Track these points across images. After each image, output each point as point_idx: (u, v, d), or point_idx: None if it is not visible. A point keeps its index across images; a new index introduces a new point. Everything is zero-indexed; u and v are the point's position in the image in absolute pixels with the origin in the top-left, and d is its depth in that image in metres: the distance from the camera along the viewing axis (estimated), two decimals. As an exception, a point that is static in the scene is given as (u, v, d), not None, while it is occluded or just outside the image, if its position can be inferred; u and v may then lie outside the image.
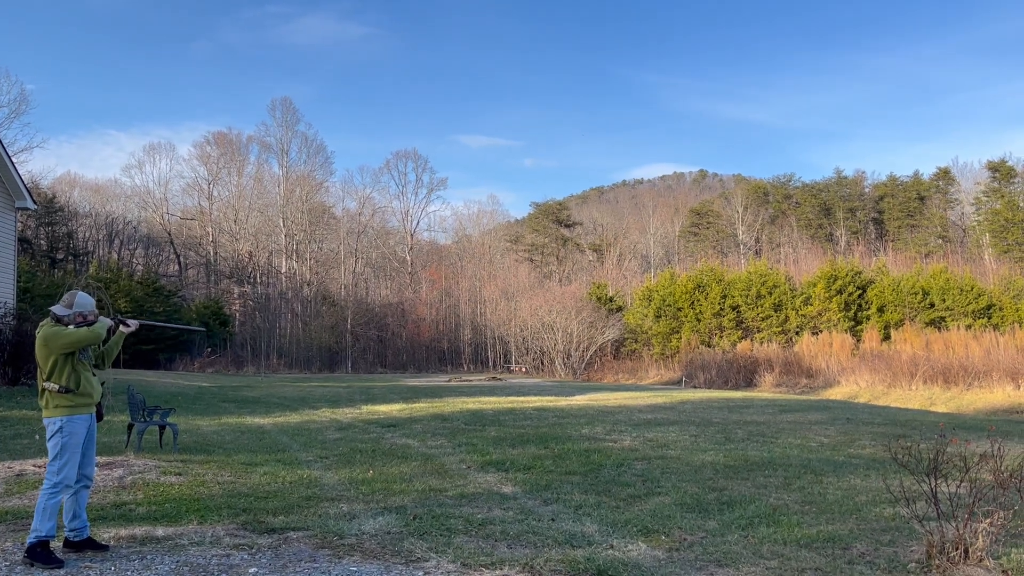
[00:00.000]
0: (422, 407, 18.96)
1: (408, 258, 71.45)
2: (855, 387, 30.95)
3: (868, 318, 43.43)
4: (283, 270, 65.43)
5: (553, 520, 6.72)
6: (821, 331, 42.50)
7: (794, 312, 45.35)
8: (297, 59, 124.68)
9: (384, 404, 20.06)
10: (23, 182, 22.10)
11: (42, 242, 58.25)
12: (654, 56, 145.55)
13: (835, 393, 30.40)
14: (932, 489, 5.58)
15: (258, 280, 65.49)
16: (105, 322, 5.80)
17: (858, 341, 40.24)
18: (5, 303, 20.11)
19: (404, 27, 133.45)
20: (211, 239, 66.07)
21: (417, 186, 73.30)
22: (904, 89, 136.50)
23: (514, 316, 55.37)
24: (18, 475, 8.21)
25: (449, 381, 37.67)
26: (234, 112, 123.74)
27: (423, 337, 60.87)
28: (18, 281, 22.80)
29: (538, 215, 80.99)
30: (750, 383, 36.74)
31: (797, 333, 44.18)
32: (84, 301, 5.74)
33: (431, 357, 60.00)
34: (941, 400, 26.44)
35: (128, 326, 6.10)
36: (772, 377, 35.97)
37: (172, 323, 7.32)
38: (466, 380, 38.97)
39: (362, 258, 69.08)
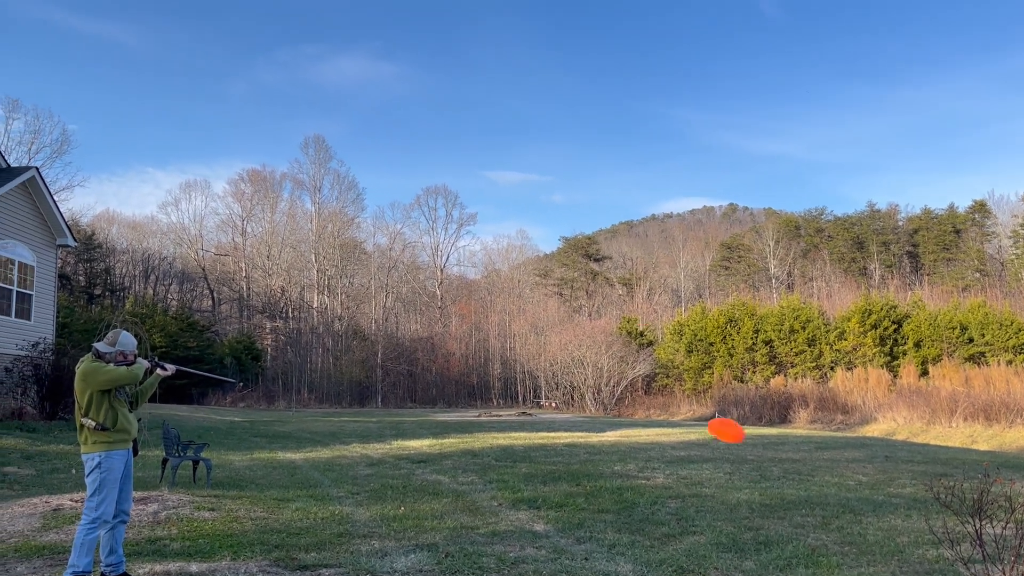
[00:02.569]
0: (452, 442, 18.90)
1: (438, 293, 71.75)
2: (893, 424, 30.31)
3: (904, 353, 42.65)
4: (315, 305, 66.01)
5: (587, 559, 6.63)
6: (856, 366, 41.79)
7: (828, 347, 44.69)
8: (330, 98, 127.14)
9: (414, 439, 20.02)
10: (64, 220, 22.64)
11: (80, 278, 59.43)
12: (683, 90, 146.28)
13: (872, 430, 29.79)
14: (977, 530, 5.43)
15: (290, 315, 66.12)
16: (143, 364, 5.89)
17: (895, 377, 39.49)
18: (44, 338, 20.50)
19: (435, 65, 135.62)
20: (244, 274, 66.96)
21: (447, 221, 73.93)
22: (937, 120, 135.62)
23: (543, 351, 55.22)
24: (55, 509, 8.30)
25: (479, 416, 37.55)
26: (268, 150, 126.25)
27: (453, 372, 60.87)
28: (57, 316, 23.26)
29: (567, 249, 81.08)
30: (784, 419, 36.15)
31: (831, 368, 43.50)
32: (127, 340, 5.83)
33: (461, 392, 59.92)
34: (983, 438, 25.77)
35: (165, 370, 6.18)
36: (807, 413, 35.37)
37: (206, 372, 7.44)
38: (496, 415, 38.83)
39: (392, 293, 69.52)
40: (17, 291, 20.51)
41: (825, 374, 43.34)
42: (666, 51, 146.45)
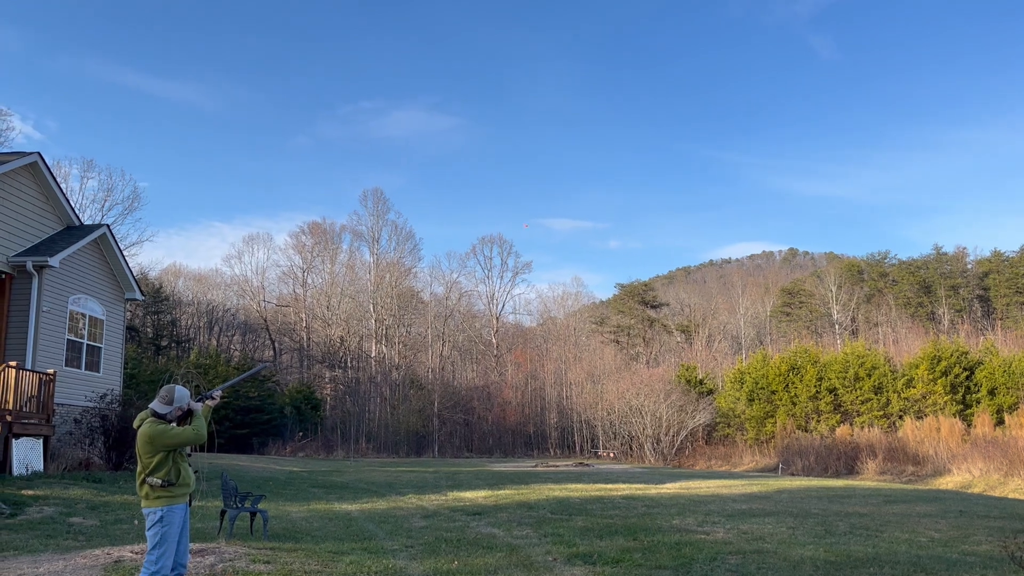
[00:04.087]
0: (508, 494, 18.73)
1: (494, 341, 71.90)
2: (968, 476, 28.99)
3: (978, 401, 40.96)
4: (373, 354, 66.74)
5: (642, 619, 6.45)
6: (926, 415, 40.25)
7: (896, 395, 43.21)
8: (388, 151, 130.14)
9: (470, 490, 19.90)
10: (132, 275, 23.48)
11: (148, 330, 61.29)
12: (736, 133, 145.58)
13: (945, 482, 28.54)
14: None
15: (349, 364, 66.91)
16: (200, 416, 6.00)
17: (968, 426, 37.89)
18: (112, 390, 21.12)
19: (488, 117, 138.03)
20: (305, 325, 68.21)
21: (502, 270, 74.40)
22: (1004, 160, 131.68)
23: (600, 399, 54.62)
24: (116, 561, 8.45)
25: (535, 466, 37.19)
26: (328, 202, 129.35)
27: (509, 421, 60.58)
28: (124, 368, 23.97)
29: (623, 296, 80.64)
30: (851, 470, 34.90)
31: (900, 417, 41.98)
32: (182, 395, 5.97)
33: (517, 441, 59.53)
34: (1066, 491, 24.42)
35: (214, 399, 6.30)
36: (875, 464, 34.09)
37: (248, 374, 7.64)
38: (552, 466, 38.39)
39: (449, 341, 69.90)
40: (87, 344, 21.24)
41: (893, 423, 41.85)
42: (719, 95, 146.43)
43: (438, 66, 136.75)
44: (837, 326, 75.53)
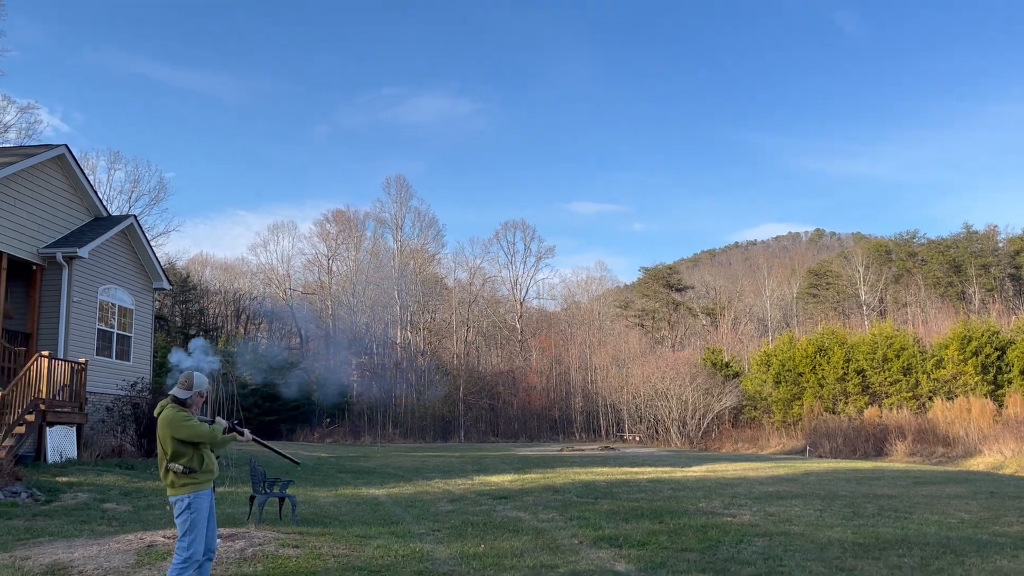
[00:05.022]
0: (534, 478, 18.79)
1: (518, 326, 71.96)
2: (999, 457, 28.61)
3: (1010, 381, 40.33)
4: (398, 341, 67.09)
5: (668, 601, 6.46)
6: (956, 395, 39.73)
7: (925, 376, 42.69)
8: (410, 137, 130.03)
9: (496, 475, 19.99)
10: (160, 264, 23.77)
11: (177, 319, 62.05)
12: (763, 115, 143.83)
13: (976, 463, 28.20)
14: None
15: (375, 351, 67.33)
16: (222, 423, 6.04)
17: (1000, 406, 37.35)
18: (142, 378, 21.44)
19: (510, 100, 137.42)
20: (330, 312, 68.68)
21: (526, 255, 74.30)
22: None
23: (626, 383, 54.53)
24: (149, 546, 8.60)
25: (561, 451, 37.26)
26: (352, 190, 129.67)
27: (534, 405, 60.70)
28: (154, 356, 24.31)
29: (648, 280, 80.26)
30: (880, 452, 34.60)
31: (929, 398, 41.48)
32: (201, 381, 6.03)
33: (543, 426, 59.65)
34: (1100, 471, 24.05)
35: (241, 435, 6.24)
36: (904, 446, 33.76)
37: (277, 450, 7.72)
38: (578, 450, 38.45)
39: (473, 327, 70.06)
40: (117, 333, 21.55)
41: (923, 404, 41.36)
42: (743, 75, 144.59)
43: (459, 51, 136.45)
44: (865, 307, 74.69)
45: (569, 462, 25.80)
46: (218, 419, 6.09)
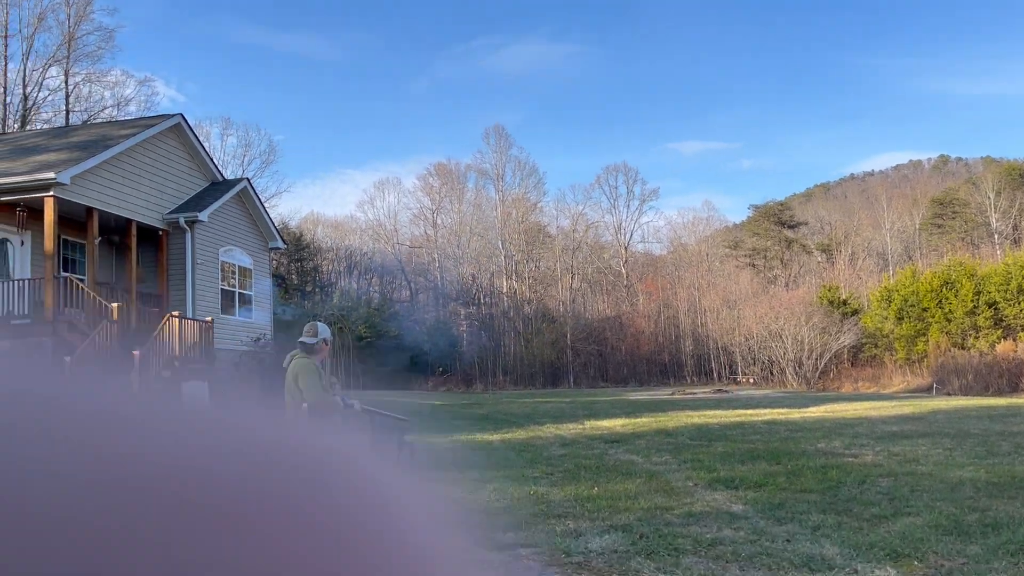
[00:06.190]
0: (645, 422, 18.75)
1: (623, 271, 71.35)
2: None
3: None
4: (504, 290, 67.78)
5: (788, 541, 6.33)
6: (1102, 326, 37.04)
7: (1066, 306, 39.93)
8: (507, 85, 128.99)
9: (607, 419, 20.05)
10: (274, 225, 24.71)
11: (294, 277, 64.67)
12: (879, 34, 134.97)
13: (1126, 398, 26.30)
14: None
15: (482, 301, 68.35)
16: (338, 400, 6.33)
17: None
18: (264, 334, 22.51)
19: (607, 41, 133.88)
20: (437, 265, 69.98)
21: (629, 199, 73.24)
22: None
23: (738, 325, 53.42)
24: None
25: (672, 394, 37.00)
26: (452, 142, 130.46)
27: (643, 350, 60.36)
28: (274, 313, 25.45)
29: (758, 218, 77.80)
30: (1015, 388, 32.74)
31: (1071, 330, 38.83)
32: (324, 329, 6.28)
33: (652, 370, 59.32)
34: None
35: (351, 407, 6.59)
36: (1042, 381, 31.83)
37: (386, 413, 8.07)
38: (690, 393, 38.09)
39: (578, 274, 69.93)
40: (239, 292, 22.65)
41: (1063, 337, 38.76)
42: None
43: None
44: (996, 235, 70.03)
45: (681, 405, 25.60)
46: (335, 397, 6.34)
